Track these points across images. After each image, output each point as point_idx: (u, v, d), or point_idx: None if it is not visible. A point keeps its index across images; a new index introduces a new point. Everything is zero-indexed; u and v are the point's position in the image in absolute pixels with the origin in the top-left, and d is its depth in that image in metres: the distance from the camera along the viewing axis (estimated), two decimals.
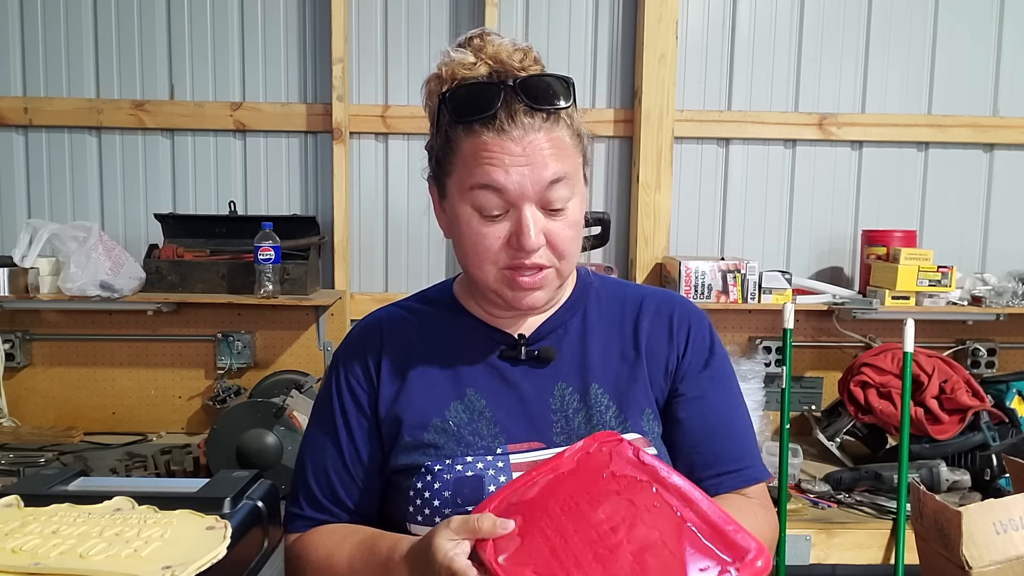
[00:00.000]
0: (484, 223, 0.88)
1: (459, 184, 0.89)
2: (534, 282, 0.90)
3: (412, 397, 0.97)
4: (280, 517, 1.04)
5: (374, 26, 2.42)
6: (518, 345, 0.98)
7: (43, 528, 0.80)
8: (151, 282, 2.20)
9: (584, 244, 0.99)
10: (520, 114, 0.86)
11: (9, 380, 2.37)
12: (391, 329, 1.02)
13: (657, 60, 2.36)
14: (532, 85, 0.87)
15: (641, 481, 0.79)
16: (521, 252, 0.88)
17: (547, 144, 0.86)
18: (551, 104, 0.87)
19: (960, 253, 2.51)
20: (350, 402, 1.00)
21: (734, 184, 2.50)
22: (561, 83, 0.89)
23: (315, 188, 2.44)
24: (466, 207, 0.89)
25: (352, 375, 1.01)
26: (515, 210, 0.87)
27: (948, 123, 2.46)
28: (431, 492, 0.91)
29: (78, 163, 2.41)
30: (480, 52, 0.89)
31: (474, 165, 0.87)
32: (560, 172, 0.87)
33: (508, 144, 0.85)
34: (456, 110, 0.88)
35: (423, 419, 0.96)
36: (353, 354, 1.02)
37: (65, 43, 2.38)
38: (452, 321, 1.02)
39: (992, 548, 1.42)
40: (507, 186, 0.85)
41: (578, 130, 0.92)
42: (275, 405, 1.83)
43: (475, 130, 0.86)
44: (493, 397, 0.96)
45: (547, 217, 0.88)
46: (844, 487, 1.95)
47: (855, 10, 2.45)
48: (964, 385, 2.02)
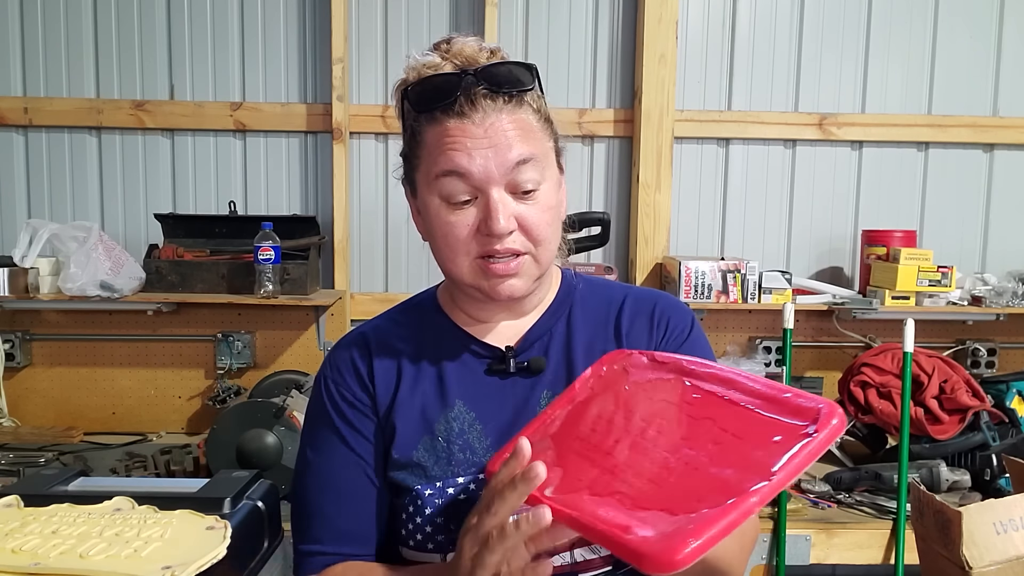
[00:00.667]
0: (452, 211, 0.86)
1: (426, 175, 0.87)
2: (508, 269, 0.86)
3: (403, 407, 0.93)
4: (280, 517, 1.04)
5: (374, 26, 2.42)
6: (506, 358, 0.94)
7: (43, 528, 0.80)
8: (151, 282, 2.20)
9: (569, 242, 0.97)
10: (481, 97, 0.83)
11: (9, 380, 2.37)
12: (378, 341, 0.98)
13: (657, 60, 2.36)
14: (492, 71, 0.84)
15: (669, 380, 0.73)
16: (492, 238, 0.84)
17: (511, 125, 0.84)
18: (512, 87, 0.85)
19: (960, 253, 2.51)
20: (350, 411, 0.95)
21: (734, 184, 2.50)
22: (523, 68, 0.87)
23: (315, 188, 2.44)
24: (434, 198, 0.86)
25: (345, 388, 0.95)
26: (483, 195, 0.84)
27: (948, 123, 2.46)
28: (423, 518, 0.89)
29: (78, 163, 2.41)
30: (447, 54, 0.88)
31: (438, 153, 0.85)
32: (526, 153, 0.84)
33: (469, 127, 0.83)
34: (417, 101, 0.86)
35: (413, 433, 0.92)
36: (342, 368, 0.97)
37: (65, 43, 2.38)
38: (438, 331, 0.98)
39: (992, 548, 1.42)
40: (471, 170, 0.83)
41: (545, 115, 0.90)
42: (275, 405, 1.83)
43: (437, 118, 0.85)
44: (482, 410, 0.92)
45: (517, 201, 0.85)
46: (844, 487, 1.95)
47: (855, 10, 2.45)
48: (964, 385, 2.02)
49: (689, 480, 0.62)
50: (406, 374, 0.95)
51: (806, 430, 0.60)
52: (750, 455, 0.61)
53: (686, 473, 0.63)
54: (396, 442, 0.92)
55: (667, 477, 0.64)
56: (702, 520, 0.57)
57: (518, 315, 0.97)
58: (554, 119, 0.92)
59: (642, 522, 0.60)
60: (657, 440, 0.68)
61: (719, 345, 2.39)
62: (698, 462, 0.63)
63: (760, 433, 0.62)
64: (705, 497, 0.59)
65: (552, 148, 0.91)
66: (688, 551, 0.55)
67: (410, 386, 0.94)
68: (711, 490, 0.59)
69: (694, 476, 0.62)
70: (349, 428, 0.94)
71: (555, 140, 0.92)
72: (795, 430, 0.61)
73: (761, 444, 0.61)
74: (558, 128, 0.93)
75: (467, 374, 0.94)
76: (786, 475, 0.57)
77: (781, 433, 0.61)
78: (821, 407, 0.62)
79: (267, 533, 0.94)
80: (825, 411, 0.61)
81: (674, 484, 0.62)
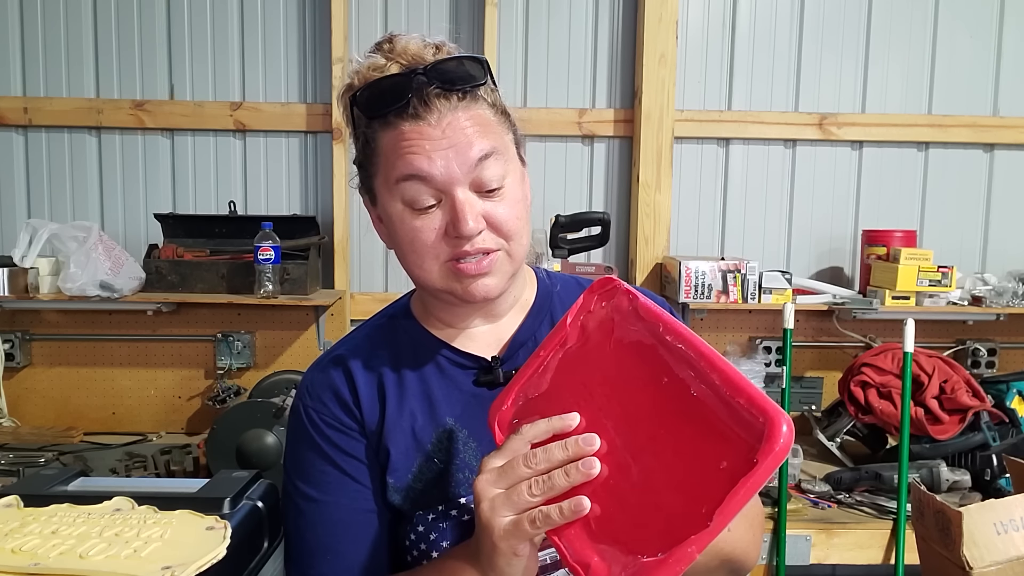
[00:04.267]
0: (417, 216, 0.82)
1: (385, 182, 0.84)
2: (480, 268, 0.83)
3: (393, 431, 0.89)
4: (280, 517, 1.04)
5: (374, 26, 2.41)
6: (493, 368, 0.90)
7: (43, 528, 0.79)
8: (151, 282, 2.20)
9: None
10: (433, 97, 0.80)
11: (9, 380, 2.37)
12: (355, 362, 0.92)
13: (657, 60, 2.36)
14: (443, 68, 0.81)
15: (647, 346, 0.72)
16: (461, 240, 0.81)
17: (468, 123, 0.81)
18: (465, 83, 0.82)
19: (960, 253, 2.51)
20: (338, 435, 0.89)
21: (734, 184, 2.50)
22: (474, 62, 0.83)
23: (315, 188, 2.44)
24: (396, 204, 0.83)
25: (327, 415, 0.90)
26: (447, 197, 0.81)
27: (948, 123, 2.46)
28: (427, 544, 0.86)
29: (78, 163, 2.41)
30: (390, 53, 0.84)
31: (395, 158, 0.81)
32: (487, 148, 0.81)
33: (426, 129, 0.80)
34: (368, 106, 0.83)
35: (407, 458, 0.88)
36: (322, 394, 0.91)
37: (65, 43, 2.38)
38: (416, 345, 0.93)
39: (993, 548, 1.42)
40: (432, 172, 0.80)
41: (501, 107, 0.87)
42: (275, 405, 1.83)
43: (390, 122, 0.81)
44: (475, 427, 0.88)
45: (483, 199, 0.82)
46: (844, 487, 1.95)
47: (855, 10, 2.45)
48: (964, 385, 2.02)
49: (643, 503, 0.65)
50: (390, 394, 0.90)
51: (749, 456, 0.60)
52: (699, 482, 0.62)
53: (643, 492, 0.65)
54: (391, 467, 0.88)
55: (627, 494, 0.66)
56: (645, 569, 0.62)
57: (494, 318, 0.94)
58: (511, 112, 0.89)
59: (601, 557, 0.65)
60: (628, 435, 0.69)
61: (719, 345, 2.38)
62: (655, 479, 0.65)
63: (710, 452, 0.63)
64: (655, 534, 0.63)
65: (512, 140, 0.88)
66: None
67: (396, 407, 0.90)
68: (661, 526, 0.63)
69: (648, 497, 0.65)
70: (341, 453, 0.89)
71: (514, 132, 0.89)
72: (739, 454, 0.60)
73: (710, 468, 0.62)
74: (516, 120, 0.90)
75: (454, 390, 0.90)
76: (722, 518, 0.60)
77: (727, 459, 0.61)
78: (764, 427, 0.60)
79: (267, 533, 0.94)
80: (768, 431, 0.59)
81: (632, 505, 0.65)
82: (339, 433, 0.89)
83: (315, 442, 0.90)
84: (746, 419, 0.61)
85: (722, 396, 0.64)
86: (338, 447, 0.89)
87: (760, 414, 0.60)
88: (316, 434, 0.90)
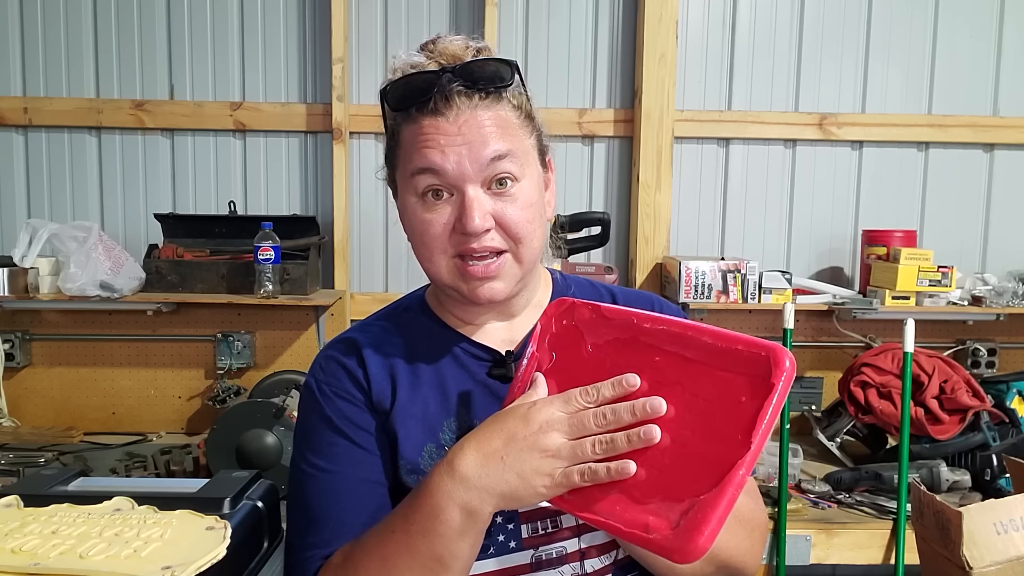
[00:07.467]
0: (428, 209, 0.84)
1: (403, 174, 0.87)
2: (487, 271, 0.85)
3: (403, 414, 0.89)
4: (280, 517, 1.04)
5: (374, 26, 2.42)
6: (507, 362, 0.91)
7: (43, 528, 0.79)
8: (151, 282, 2.20)
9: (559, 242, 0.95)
10: (455, 95, 0.82)
11: (9, 380, 2.37)
12: (368, 345, 0.93)
13: (657, 60, 2.36)
14: (470, 68, 0.83)
15: (626, 340, 0.75)
16: (468, 236, 0.83)
17: (487, 122, 0.83)
18: (490, 83, 0.84)
19: (960, 253, 2.51)
20: (349, 407, 0.90)
21: (734, 184, 2.50)
22: (503, 64, 0.85)
23: (315, 188, 2.44)
24: (410, 196, 0.86)
25: (339, 387, 0.91)
26: (458, 193, 0.83)
27: (948, 123, 2.46)
28: None
29: (78, 163, 2.41)
30: (432, 53, 0.87)
31: (413, 151, 0.84)
32: (501, 149, 0.83)
33: (443, 124, 0.82)
34: (394, 100, 0.86)
35: (417, 442, 0.89)
36: (334, 370, 0.92)
37: (65, 43, 2.38)
38: (430, 334, 0.95)
39: (993, 548, 1.42)
40: (445, 167, 0.82)
41: (527, 111, 0.88)
42: (275, 405, 1.83)
43: (412, 116, 0.84)
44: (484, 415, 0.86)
45: (495, 198, 0.84)
46: (844, 487, 1.95)
47: (855, 10, 2.45)
48: (964, 385, 2.02)
49: (683, 462, 0.67)
50: (402, 379, 0.91)
51: (765, 383, 0.65)
52: (726, 422, 0.66)
53: (676, 452, 0.68)
54: (401, 448, 0.89)
55: (661, 457, 0.68)
56: (705, 505, 0.63)
57: (508, 316, 0.95)
58: (538, 116, 0.90)
59: (655, 515, 0.66)
60: None
61: None
62: (683, 436, 0.68)
63: (727, 396, 0.67)
64: (700, 477, 0.65)
65: (534, 145, 0.89)
66: (704, 539, 0.63)
67: (408, 392, 0.90)
68: (704, 469, 0.65)
69: (685, 455, 0.67)
70: (350, 424, 0.89)
71: (538, 137, 0.90)
72: (755, 386, 0.66)
73: (732, 407, 0.66)
74: (543, 126, 0.91)
75: (467, 379, 0.92)
76: (761, 438, 0.64)
77: (745, 393, 0.66)
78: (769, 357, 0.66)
79: (267, 533, 0.94)
80: (774, 359, 0.65)
81: (670, 467, 0.68)
82: (349, 404, 0.90)
83: (324, 413, 0.90)
84: (751, 357, 0.67)
85: (719, 349, 0.69)
86: (347, 418, 0.90)
87: (762, 349, 0.67)
88: (326, 404, 0.91)
